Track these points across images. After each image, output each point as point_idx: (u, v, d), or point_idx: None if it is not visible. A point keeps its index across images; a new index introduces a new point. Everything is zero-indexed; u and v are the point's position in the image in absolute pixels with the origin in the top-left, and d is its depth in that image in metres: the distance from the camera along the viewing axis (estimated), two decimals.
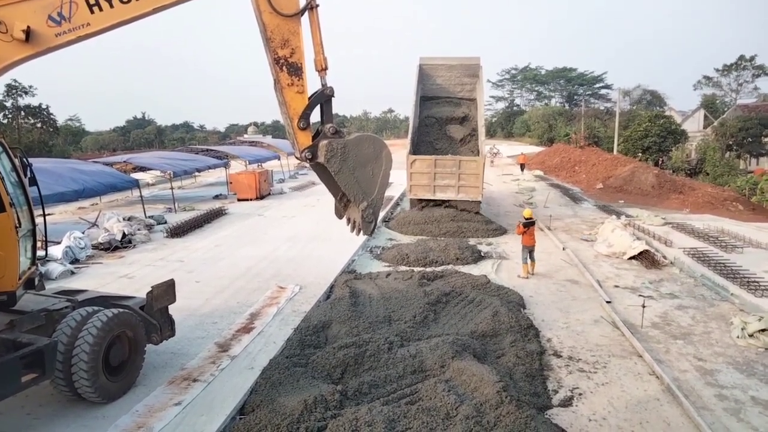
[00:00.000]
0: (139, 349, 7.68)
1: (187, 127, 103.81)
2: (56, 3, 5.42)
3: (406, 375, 7.69)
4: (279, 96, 6.57)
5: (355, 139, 6.85)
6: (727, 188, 30.02)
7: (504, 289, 12.02)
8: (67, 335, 6.72)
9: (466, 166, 18.90)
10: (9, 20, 5.25)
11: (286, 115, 6.62)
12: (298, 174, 41.91)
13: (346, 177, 6.77)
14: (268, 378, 7.56)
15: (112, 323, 7.07)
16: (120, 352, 7.34)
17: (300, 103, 6.54)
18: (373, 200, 6.99)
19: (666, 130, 42.82)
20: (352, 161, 6.75)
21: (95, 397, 6.98)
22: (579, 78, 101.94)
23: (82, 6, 5.48)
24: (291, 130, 6.67)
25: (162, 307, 8.17)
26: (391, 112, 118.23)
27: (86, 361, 6.69)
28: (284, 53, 6.34)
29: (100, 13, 5.55)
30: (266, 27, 6.24)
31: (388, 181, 7.18)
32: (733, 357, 8.80)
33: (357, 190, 6.89)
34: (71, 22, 5.48)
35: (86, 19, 5.54)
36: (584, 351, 9.06)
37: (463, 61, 22.45)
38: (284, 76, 6.41)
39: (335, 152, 6.62)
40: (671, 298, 11.73)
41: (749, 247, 15.66)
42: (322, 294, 11.77)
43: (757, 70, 71.32)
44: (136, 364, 7.67)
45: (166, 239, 18.14)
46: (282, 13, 6.19)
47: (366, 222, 7.04)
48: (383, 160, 6.99)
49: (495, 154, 53.42)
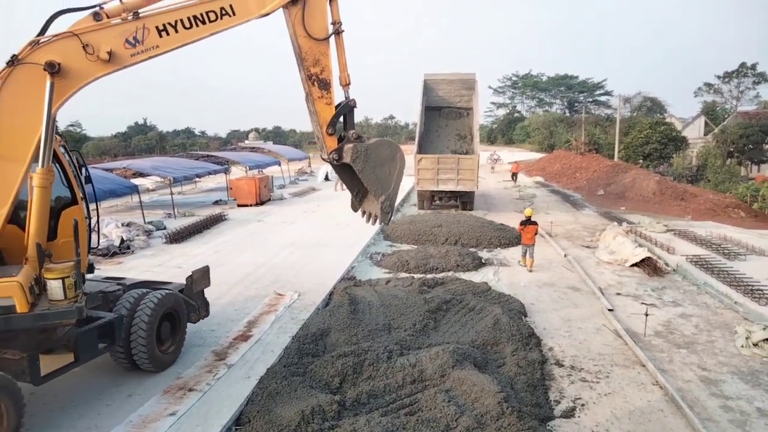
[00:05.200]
0: (183, 326, 8.78)
1: (189, 132, 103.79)
2: (132, 29, 6.41)
3: (405, 385, 7.56)
4: (310, 106, 7.66)
5: (375, 143, 7.90)
6: (728, 195, 29.87)
7: (505, 296, 11.91)
8: (126, 312, 7.74)
9: (463, 163, 23.27)
10: (96, 44, 6.26)
11: (317, 122, 7.72)
12: (299, 180, 41.87)
13: (368, 175, 7.77)
14: (265, 387, 7.43)
15: (163, 302, 8.16)
16: (168, 328, 8.39)
17: (328, 112, 7.64)
18: (390, 194, 8.01)
19: (667, 136, 42.72)
20: (372, 161, 7.77)
21: (150, 366, 8.01)
22: (580, 85, 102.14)
23: (153, 31, 6.50)
24: (320, 135, 7.75)
25: (199, 290, 9.30)
26: (392, 119, 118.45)
27: (143, 336, 7.76)
28: (316, 71, 7.46)
29: (167, 36, 6.59)
30: (301, 49, 7.33)
31: (402, 177, 8.19)
32: (738, 367, 8.67)
33: (377, 185, 7.89)
34: (144, 45, 6.50)
35: (156, 42, 6.56)
36: (586, 360, 8.94)
37: (461, 77, 27.16)
38: (315, 90, 7.53)
39: (359, 154, 7.63)
40: (674, 306, 11.61)
41: (752, 255, 15.54)
42: (321, 301, 11.65)
43: (758, 77, 71.37)
44: (181, 339, 8.75)
45: (164, 245, 18.03)
46: (314, 37, 7.32)
47: (384, 212, 8.06)
48: (398, 160, 8.05)
49: (495, 161, 53.21)
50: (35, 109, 6.12)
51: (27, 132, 6.22)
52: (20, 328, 6.18)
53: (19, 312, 6.01)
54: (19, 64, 6.10)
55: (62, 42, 6.22)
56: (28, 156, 6.26)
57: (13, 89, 6.15)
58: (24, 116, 6.20)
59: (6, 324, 6.00)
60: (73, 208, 7.45)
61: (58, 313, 6.23)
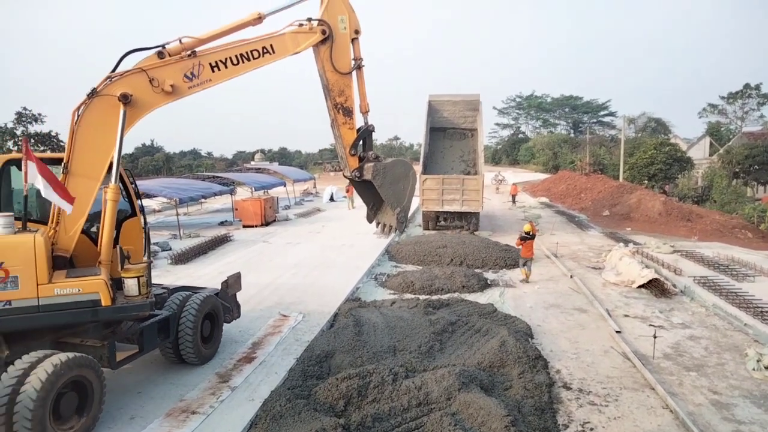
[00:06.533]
0: (220, 324, 9.82)
1: (195, 154, 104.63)
2: (190, 65, 7.52)
3: (411, 408, 7.45)
4: (335, 131, 8.94)
5: (391, 162, 9.29)
6: (735, 216, 29.71)
7: (511, 317, 11.80)
8: (174, 311, 8.69)
9: (468, 184, 23.13)
10: (160, 78, 7.32)
11: (341, 145, 9.03)
12: (304, 201, 41.98)
13: (386, 189, 9.04)
14: (268, 410, 7.33)
15: (205, 303, 9.17)
16: (208, 326, 9.40)
17: (351, 136, 8.99)
18: (404, 206, 9.32)
19: (671, 157, 42.70)
20: (389, 178, 9.03)
21: (194, 360, 9.02)
22: (584, 106, 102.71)
23: (207, 67, 7.64)
24: (344, 156, 9.08)
25: (232, 294, 10.50)
26: (396, 140, 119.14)
27: (190, 332, 8.75)
28: (341, 100, 8.76)
29: (218, 71, 7.73)
30: (329, 81, 8.63)
31: (414, 192, 9.50)
32: (750, 390, 8.51)
33: (393, 199, 9.20)
34: (199, 78, 7.60)
35: (209, 76, 7.69)
36: (595, 383, 8.80)
37: (466, 98, 27.14)
38: (340, 117, 8.83)
39: (378, 172, 8.92)
40: (683, 328, 11.46)
41: (761, 276, 15.37)
42: (326, 323, 11.57)
43: (762, 98, 71.66)
44: (218, 336, 9.78)
45: (170, 266, 18.03)
46: (340, 71, 8.67)
47: (399, 222, 9.34)
48: (410, 177, 9.37)
49: (500, 181, 53.30)
50: (109, 133, 7.07)
51: (102, 153, 7.17)
52: (104, 319, 7.33)
53: (104, 305, 7.02)
54: (97, 96, 7.05)
55: (133, 77, 7.22)
56: (102, 174, 7.24)
57: (91, 117, 7.10)
58: (100, 140, 7.13)
59: (93, 315, 7.07)
60: (132, 220, 8.43)
61: (134, 306, 7.38)
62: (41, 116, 48.71)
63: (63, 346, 7.26)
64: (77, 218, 7.18)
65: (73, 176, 7.08)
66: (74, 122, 7.06)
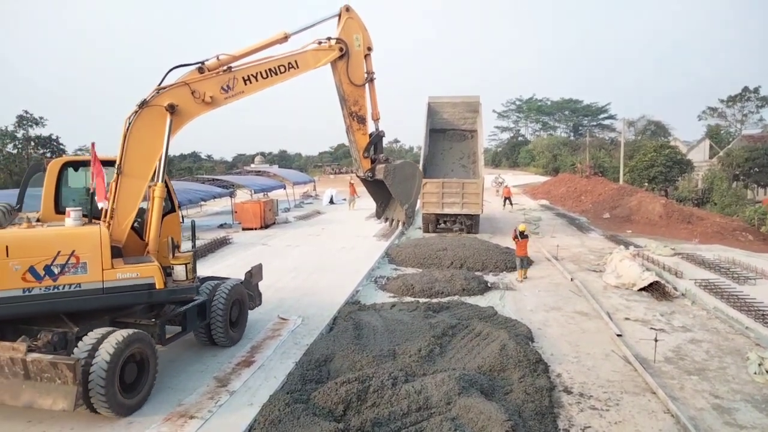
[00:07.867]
0: (246, 311, 10.72)
1: (195, 156, 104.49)
2: (226, 79, 8.56)
3: (410, 412, 7.40)
4: (350, 136, 10.03)
5: (400, 164, 10.25)
6: (735, 218, 29.68)
7: (512, 321, 11.74)
8: (206, 297, 9.57)
9: (468, 187, 23.26)
10: (201, 90, 8.36)
11: (355, 149, 10.09)
12: (304, 203, 41.92)
13: (396, 188, 9.95)
14: (267, 415, 7.27)
15: (233, 291, 10.12)
16: (236, 312, 10.32)
17: (364, 140, 10.08)
18: (411, 203, 10.27)
19: (671, 159, 42.68)
20: (399, 177, 9.94)
21: (225, 342, 9.96)
22: (584, 109, 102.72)
23: (240, 81, 8.69)
24: (358, 158, 10.16)
25: (255, 283, 11.39)
26: (396, 143, 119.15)
27: (221, 317, 9.72)
28: (355, 109, 9.87)
29: (250, 84, 8.80)
30: (345, 93, 9.73)
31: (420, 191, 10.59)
32: (752, 394, 8.46)
33: (402, 196, 10.09)
34: (233, 90, 8.64)
35: (242, 88, 8.74)
36: (596, 387, 8.75)
37: (465, 99, 26.75)
38: (355, 124, 9.91)
39: (390, 172, 9.84)
40: (684, 332, 11.41)
41: (762, 279, 15.30)
42: (325, 326, 11.52)
43: (761, 101, 71.75)
44: (244, 322, 10.66)
45: None
46: (355, 83, 9.78)
47: (407, 216, 10.30)
48: (417, 177, 10.41)
49: (500, 184, 53.18)
50: (157, 139, 8.08)
51: (150, 156, 8.15)
52: (158, 300, 8.31)
53: (158, 288, 8.01)
54: (146, 106, 8.05)
55: (178, 89, 8.25)
56: (149, 174, 8.20)
57: (141, 124, 8.08)
58: (149, 144, 8.10)
59: (149, 297, 8.05)
60: (172, 215, 9.46)
61: (183, 289, 8.45)
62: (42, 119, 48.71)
63: (118, 325, 8.05)
64: (129, 212, 8.13)
65: (125, 176, 8.01)
66: (126, 129, 7.96)
